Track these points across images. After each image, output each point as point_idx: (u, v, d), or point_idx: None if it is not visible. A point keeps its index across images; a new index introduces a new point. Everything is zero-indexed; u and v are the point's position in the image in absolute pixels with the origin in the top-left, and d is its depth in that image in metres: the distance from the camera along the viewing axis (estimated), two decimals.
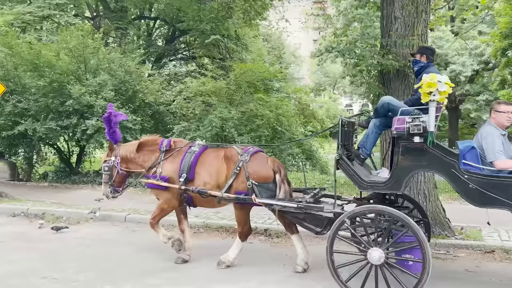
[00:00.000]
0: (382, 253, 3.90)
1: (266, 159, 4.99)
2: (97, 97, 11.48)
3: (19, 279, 4.68)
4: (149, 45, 17.77)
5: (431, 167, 4.08)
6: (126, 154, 5.37)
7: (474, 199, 3.85)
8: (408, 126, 3.96)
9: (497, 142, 3.93)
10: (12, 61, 12.05)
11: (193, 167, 5.01)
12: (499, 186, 3.75)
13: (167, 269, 5.07)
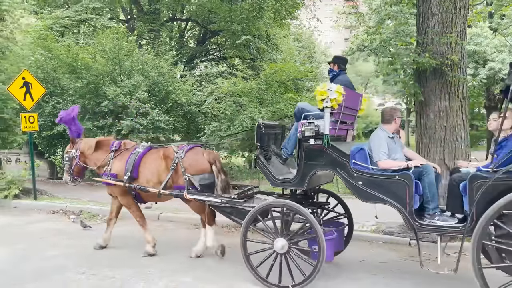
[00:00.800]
0: (286, 243, 4.32)
1: (202, 153, 5.42)
2: (131, 98, 11.74)
3: (58, 274, 4.84)
4: (181, 46, 18.05)
5: (328, 166, 4.44)
6: (84, 150, 5.92)
7: (362, 195, 4.25)
8: (304, 129, 4.41)
9: (382, 144, 4.31)
10: (52, 64, 12.50)
11: (136, 166, 5.50)
12: (382, 183, 4.13)
13: (197, 267, 5.12)
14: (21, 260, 5.39)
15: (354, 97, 5.07)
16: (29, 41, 13.41)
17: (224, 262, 5.28)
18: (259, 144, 4.80)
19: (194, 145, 5.63)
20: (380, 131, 4.53)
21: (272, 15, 14.06)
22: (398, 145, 4.56)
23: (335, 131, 4.50)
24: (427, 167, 4.15)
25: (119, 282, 4.62)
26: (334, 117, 4.43)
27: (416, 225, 3.98)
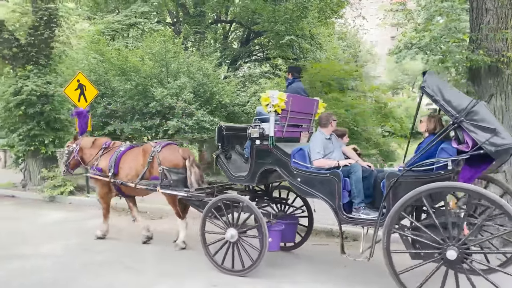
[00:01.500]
0: (236, 232, 4.82)
1: (177, 149, 6.00)
2: (178, 99, 12.05)
3: (106, 269, 5.07)
4: (225, 47, 18.30)
5: (274, 165, 4.91)
6: (84, 146, 6.64)
7: (300, 191, 4.75)
8: (250, 132, 4.95)
9: (318, 145, 4.72)
10: (103, 66, 13.07)
11: (117, 163, 6.13)
12: (317, 180, 4.56)
13: None
14: (75, 254, 5.69)
15: (307, 103, 5.54)
16: (83, 45, 14.08)
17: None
18: (220, 144, 5.40)
19: (170, 142, 6.32)
20: (318, 133, 4.96)
21: (316, 15, 13.93)
22: (336, 146, 5.00)
23: (282, 133, 5.04)
24: (354, 166, 4.54)
25: (161, 277, 4.76)
26: (281, 120, 4.95)
27: (343, 217, 4.40)
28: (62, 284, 4.53)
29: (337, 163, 4.61)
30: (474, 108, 3.79)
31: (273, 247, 5.00)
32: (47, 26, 10.88)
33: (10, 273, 4.85)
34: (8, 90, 10.84)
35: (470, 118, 3.81)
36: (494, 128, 3.71)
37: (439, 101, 3.97)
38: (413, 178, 4.09)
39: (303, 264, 5.30)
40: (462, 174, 4.08)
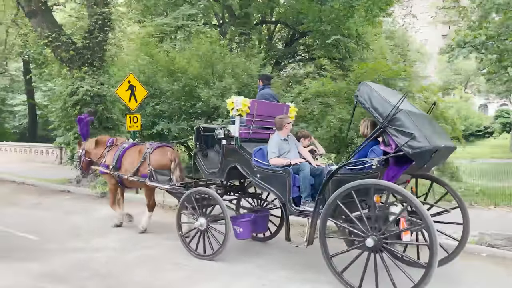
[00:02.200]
0: (205, 221, 5.44)
1: (167, 152, 6.61)
2: (223, 99, 12.22)
3: (153, 264, 5.23)
4: (269, 48, 18.36)
5: (239, 163, 5.39)
6: (88, 147, 7.45)
7: (258, 186, 5.31)
8: (217, 133, 5.53)
9: (273, 146, 5.19)
10: (152, 68, 13.51)
11: (120, 159, 6.87)
12: (272, 176, 5.06)
13: (302, 265, 5.16)
14: (126, 248, 5.92)
15: (276, 107, 6.01)
16: (133, 48, 14.62)
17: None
18: (198, 143, 5.95)
19: (163, 144, 6.93)
20: (275, 135, 5.41)
21: (363, 13, 13.63)
22: (292, 146, 5.44)
23: (248, 135, 5.56)
24: (303, 165, 4.98)
25: (209, 275, 4.84)
26: (247, 123, 5.50)
27: (292, 209, 4.89)
28: (116, 276, 4.73)
29: (289, 162, 5.07)
30: (396, 115, 4.21)
31: (241, 236, 5.58)
32: (101, 30, 11.41)
33: (67, 265, 5.14)
34: (65, 90, 11.48)
35: (393, 124, 4.24)
36: (412, 133, 4.12)
37: (369, 108, 4.45)
38: (347, 175, 4.56)
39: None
40: (387, 173, 4.48)
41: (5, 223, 7.28)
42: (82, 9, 13.86)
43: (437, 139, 4.35)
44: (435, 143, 4.19)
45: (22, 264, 5.10)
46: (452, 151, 4.91)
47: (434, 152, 4.20)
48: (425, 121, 4.62)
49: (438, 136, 4.54)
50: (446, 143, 4.53)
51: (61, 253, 5.63)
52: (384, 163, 4.41)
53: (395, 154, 4.29)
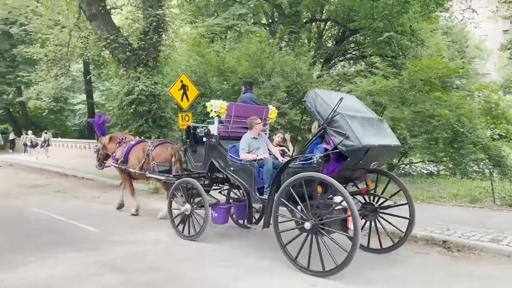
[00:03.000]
0: (189, 207, 6.23)
1: (167, 148, 7.54)
2: (271, 98, 12.26)
3: (204, 259, 5.34)
4: (319, 46, 18.15)
5: (218, 157, 6.15)
6: (104, 142, 8.53)
7: (231, 178, 6.03)
8: (198, 131, 6.34)
9: (243, 143, 5.86)
10: (203, 67, 13.82)
11: (127, 154, 7.86)
12: (242, 169, 5.79)
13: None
14: (177, 243, 6.11)
15: (255, 110, 6.65)
16: (185, 48, 15.02)
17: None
18: (188, 140, 6.68)
19: (164, 142, 8.02)
20: (246, 134, 6.06)
21: (418, 9, 13.13)
22: (261, 144, 6.09)
23: (227, 133, 6.36)
24: (267, 160, 5.61)
25: (259, 273, 4.88)
26: (226, 123, 6.28)
27: (256, 198, 5.61)
28: (169, 269, 4.88)
29: (255, 157, 5.73)
30: (334, 118, 4.82)
31: (216, 220, 6.29)
32: (155, 31, 11.83)
33: (125, 257, 5.39)
34: (121, 90, 12.03)
35: (331, 126, 4.85)
36: (346, 133, 4.70)
37: (313, 112, 5.10)
38: (298, 168, 5.18)
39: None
40: (327, 167, 5.02)
41: (69, 215, 7.76)
42: (138, 11, 14.42)
43: (372, 139, 4.84)
44: (368, 143, 4.69)
45: (85, 254, 5.40)
46: (396, 150, 5.73)
47: (367, 150, 4.75)
48: (367, 123, 5.09)
49: (377, 136, 5.03)
50: (384, 143, 5.03)
51: (119, 244, 5.90)
52: (325, 158, 4.99)
53: (331, 152, 4.92)
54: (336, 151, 4.80)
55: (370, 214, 5.65)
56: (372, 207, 5.67)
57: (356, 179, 5.66)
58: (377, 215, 5.68)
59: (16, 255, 5.23)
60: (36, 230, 6.68)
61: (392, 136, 5.45)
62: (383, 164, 6.05)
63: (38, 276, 4.53)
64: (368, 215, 5.66)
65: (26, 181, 13.05)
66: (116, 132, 11.48)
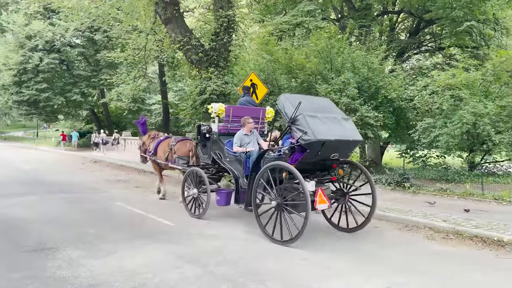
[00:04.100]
0: (196, 191, 7.55)
1: (186, 143, 9.10)
2: (341, 94, 12.02)
3: (280, 256, 5.40)
4: (391, 40, 17.44)
5: (218, 150, 7.56)
6: (144, 139, 10.33)
7: (226, 167, 7.34)
8: (202, 129, 7.83)
9: (236, 138, 7.12)
10: (271, 66, 13.91)
11: (156, 148, 9.62)
12: (235, 160, 7.13)
13: (410, 270, 4.89)
14: (252, 239, 6.24)
15: (252, 110, 8.05)
16: (254, 47, 15.22)
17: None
18: (199, 137, 8.01)
19: (184, 138, 9.57)
20: (240, 131, 7.24)
21: None
22: (252, 139, 7.23)
23: (227, 130, 7.74)
24: (252, 152, 6.76)
25: (337, 272, 4.83)
26: (225, 122, 7.74)
27: (243, 183, 6.80)
28: (246, 264, 5.01)
29: (244, 150, 6.96)
30: (297, 117, 5.84)
31: (218, 203, 7.51)
32: (226, 32, 12.12)
33: (201, 250, 5.63)
34: (194, 90, 12.50)
35: (295, 124, 5.90)
36: (305, 130, 5.74)
37: (283, 113, 6.19)
38: (272, 158, 6.36)
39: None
40: (292, 157, 6.07)
41: (148, 209, 8.27)
42: (209, 13, 14.86)
43: (329, 134, 5.84)
44: (322, 137, 5.71)
45: (165, 245, 5.72)
46: (356, 144, 6.67)
47: (323, 143, 5.76)
48: (329, 122, 6.09)
49: (338, 132, 6.01)
50: (341, 138, 6.01)
51: (196, 238, 6.17)
52: (292, 150, 6.08)
53: (294, 145, 6.00)
54: (298, 144, 5.88)
55: (341, 198, 6.77)
56: (342, 192, 6.79)
57: (329, 168, 6.67)
58: (347, 200, 6.73)
59: (104, 245, 5.68)
60: (120, 222, 7.20)
61: (353, 132, 6.38)
62: (347, 156, 6.69)
63: (123, 264, 4.88)
64: (340, 199, 6.78)
65: (110, 177, 14.09)
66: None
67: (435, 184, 10.82)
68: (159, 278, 4.44)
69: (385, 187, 10.81)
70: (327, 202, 6.06)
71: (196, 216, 7.49)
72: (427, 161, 13.24)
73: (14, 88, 28.77)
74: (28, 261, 4.93)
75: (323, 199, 5.98)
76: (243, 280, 4.45)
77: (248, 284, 4.34)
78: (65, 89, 30.02)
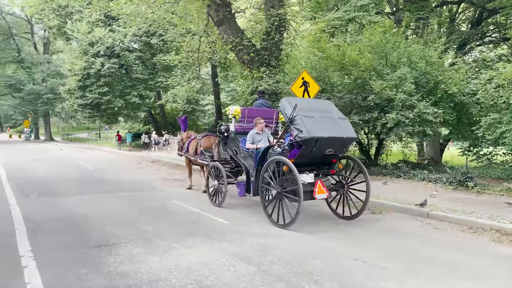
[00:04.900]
0: (216, 183, 8.70)
1: (210, 138, 10.32)
2: (397, 91, 11.58)
3: (334, 257, 5.30)
4: (451, 31, 16.56)
5: (235, 147, 8.69)
6: (183, 137, 11.61)
7: (240, 162, 8.46)
8: (221, 128, 9.08)
9: (249, 137, 8.23)
10: (323, 63, 13.70)
11: (188, 145, 10.97)
12: (247, 155, 8.20)
13: (469, 276, 4.59)
14: (303, 238, 6.19)
15: (266, 112, 9.15)
16: (306, 45, 15.08)
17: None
18: (220, 135, 9.13)
19: (208, 134, 10.83)
20: (252, 130, 8.23)
21: None
22: (263, 137, 8.17)
23: (243, 129, 8.80)
24: (260, 149, 7.63)
25: (392, 274, 4.66)
26: (241, 122, 8.87)
27: (253, 175, 7.70)
28: (299, 263, 4.98)
29: (255, 146, 7.93)
30: (294, 118, 6.67)
31: (239, 194, 8.30)
32: (277, 31, 12.13)
33: (254, 248, 5.67)
34: (246, 90, 12.62)
35: (292, 123, 6.72)
36: (300, 128, 6.52)
37: (283, 114, 7.02)
38: (276, 153, 7.13)
39: None
40: (291, 152, 6.83)
41: (202, 208, 8.47)
42: (260, 13, 14.93)
43: (323, 132, 6.59)
44: (315, 135, 6.48)
45: (219, 243, 5.83)
46: (350, 141, 7.34)
47: (317, 140, 6.53)
48: (324, 121, 6.87)
49: (331, 130, 6.74)
50: (334, 135, 6.72)
51: (248, 236, 6.22)
52: (291, 146, 6.89)
53: (292, 142, 6.81)
54: (295, 141, 6.68)
55: (340, 189, 7.42)
56: (342, 184, 7.46)
57: (329, 163, 7.36)
58: (346, 190, 7.40)
59: (162, 242, 5.88)
60: (176, 220, 7.43)
61: (348, 130, 7.02)
62: (343, 151, 7.34)
63: (179, 261, 5.02)
64: (339, 190, 7.42)
65: (167, 176, 14.59)
66: None
67: (502, 183, 10.13)
68: (214, 276, 4.52)
69: (446, 187, 10.28)
70: (326, 192, 6.86)
71: (216, 204, 8.64)
72: (492, 159, 12.42)
73: (79, 92, 30.63)
74: (93, 256, 5.21)
75: (322, 189, 6.81)
76: (297, 280, 4.41)
77: (303, 285, 4.30)
78: (124, 92, 31.51)
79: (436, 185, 10.65)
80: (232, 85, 31.83)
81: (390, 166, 13.53)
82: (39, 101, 48.33)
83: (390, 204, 8.29)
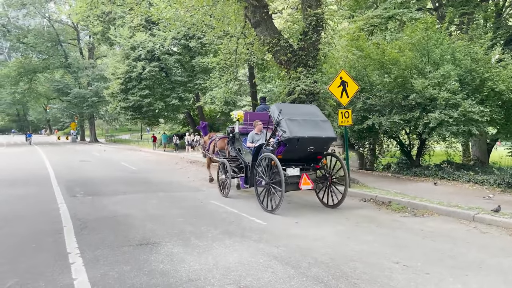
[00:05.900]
0: (224, 177, 10.04)
1: (225, 140, 11.40)
2: (440, 89, 11.18)
3: (374, 259, 5.19)
4: (498, 26, 15.79)
5: (239, 146, 10.20)
6: (205, 139, 13.25)
7: (241, 158, 9.97)
8: (227, 129, 10.95)
9: (249, 137, 9.62)
10: (362, 62, 13.44)
11: (209, 145, 12.58)
12: (248, 152, 9.60)
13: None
14: (341, 241, 6.10)
15: (265, 116, 9.79)
16: (344, 44, 14.85)
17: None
18: (230, 135, 10.56)
19: (224, 136, 11.94)
20: (252, 131, 9.67)
21: None
22: (261, 137, 9.38)
23: (246, 131, 10.20)
24: (257, 147, 8.84)
25: (435, 279, 4.50)
26: (244, 125, 10.52)
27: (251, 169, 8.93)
28: (338, 266, 4.91)
29: (254, 145, 9.07)
30: (279, 121, 7.99)
31: (242, 186, 9.79)
32: (314, 30, 11.99)
33: (291, 250, 5.65)
34: (283, 91, 12.57)
35: (279, 125, 8.03)
36: (284, 129, 7.84)
37: (272, 117, 8.30)
38: (268, 150, 8.30)
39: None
40: (278, 150, 8.05)
41: (240, 208, 8.53)
42: (297, 13, 14.84)
43: (304, 133, 7.82)
44: (297, 135, 7.71)
45: (256, 244, 5.85)
46: (328, 140, 8.21)
47: (298, 139, 7.72)
48: (306, 123, 8.12)
49: (312, 131, 7.96)
50: (314, 135, 7.93)
51: (286, 238, 6.20)
52: (277, 145, 8.09)
53: (278, 141, 8.03)
54: (281, 140, 7.88)
55: (324, 182, 8.65)
56: (325, 177, 8.64)
57: (314, 159, 8.43)
58: (329, 183, 8.58)
59: (200, 241, 5.98)
60: (215, 220, 7.52)
61: (328, 131, 8.19)
62: (324, 149, 8.39)
63: (218, 261, 5.08)
64: (324, 182, 8.66)
65: (206, 176, 14.80)
66: None
67: None
68: (252, 277, 4.54)
69: (494, 189, 9.81)
70: (310, 184, 7.97)
71: (223, 195, 9.97)
72: None
73: (121, 95, 31.69)
74: (135, 254, 5.38)
75: (307, 181, 7.93)
76: (336, 283, 4.35)
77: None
78: (164, 94, 32.28)
79: (483, 187, 10.19)
80: (269, 86, 31.86)
81: (433, 167, 13.09)
82: (85, 104, 50.44)
83: (433, 206, 8.01)
